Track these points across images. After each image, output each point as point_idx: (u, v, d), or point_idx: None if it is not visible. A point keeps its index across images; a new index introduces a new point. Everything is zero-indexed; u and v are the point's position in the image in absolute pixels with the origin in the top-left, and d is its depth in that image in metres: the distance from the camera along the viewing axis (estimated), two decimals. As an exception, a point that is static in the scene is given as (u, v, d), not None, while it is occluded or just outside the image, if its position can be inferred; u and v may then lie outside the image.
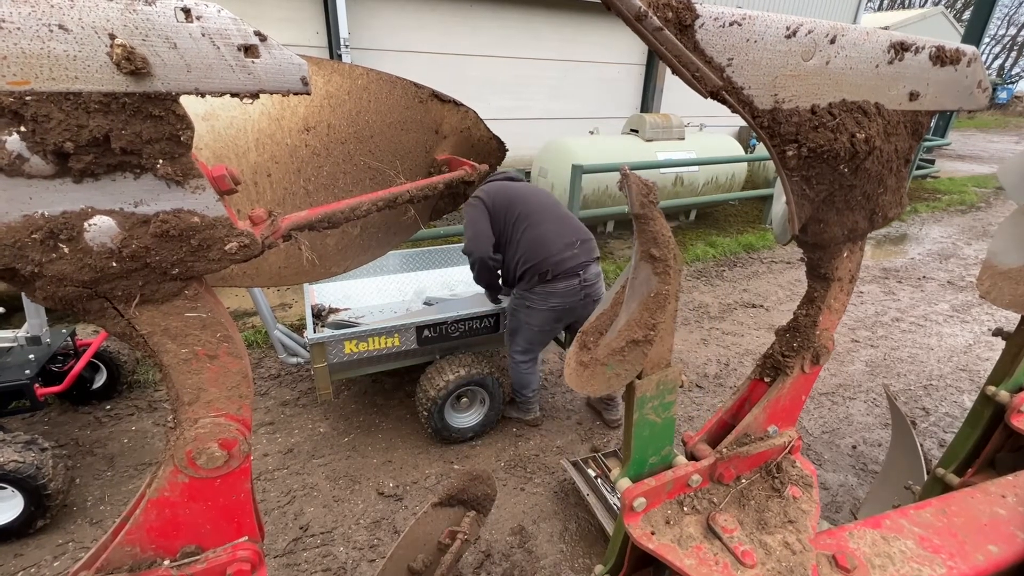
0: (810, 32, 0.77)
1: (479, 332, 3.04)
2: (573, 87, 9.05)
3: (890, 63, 0.86)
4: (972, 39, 11.58)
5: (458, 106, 1.29)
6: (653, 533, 1.09)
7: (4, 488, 2.28)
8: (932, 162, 11.74)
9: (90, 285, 0.65)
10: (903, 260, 6.75)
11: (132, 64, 0.54)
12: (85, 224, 0.61)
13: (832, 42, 0.80)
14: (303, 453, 3.01)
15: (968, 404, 3.69)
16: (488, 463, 3.00)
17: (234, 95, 0.61)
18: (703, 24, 0.70)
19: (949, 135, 13.49)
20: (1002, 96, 27.41)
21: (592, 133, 7.13)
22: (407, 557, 1.70)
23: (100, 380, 3.29)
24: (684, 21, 0.68)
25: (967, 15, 19.68)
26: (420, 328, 2.84)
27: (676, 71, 0.72)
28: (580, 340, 1.05)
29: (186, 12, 0.55)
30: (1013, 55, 37.42)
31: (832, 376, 4.00)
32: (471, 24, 7.63)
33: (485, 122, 1.36)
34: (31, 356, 2.71)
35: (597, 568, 1.42)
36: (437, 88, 1.24)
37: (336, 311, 3.58)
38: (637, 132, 6.84)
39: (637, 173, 0.90)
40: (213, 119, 1.07)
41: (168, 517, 0.83)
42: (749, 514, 1.16)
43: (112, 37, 0.53)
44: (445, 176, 1.20)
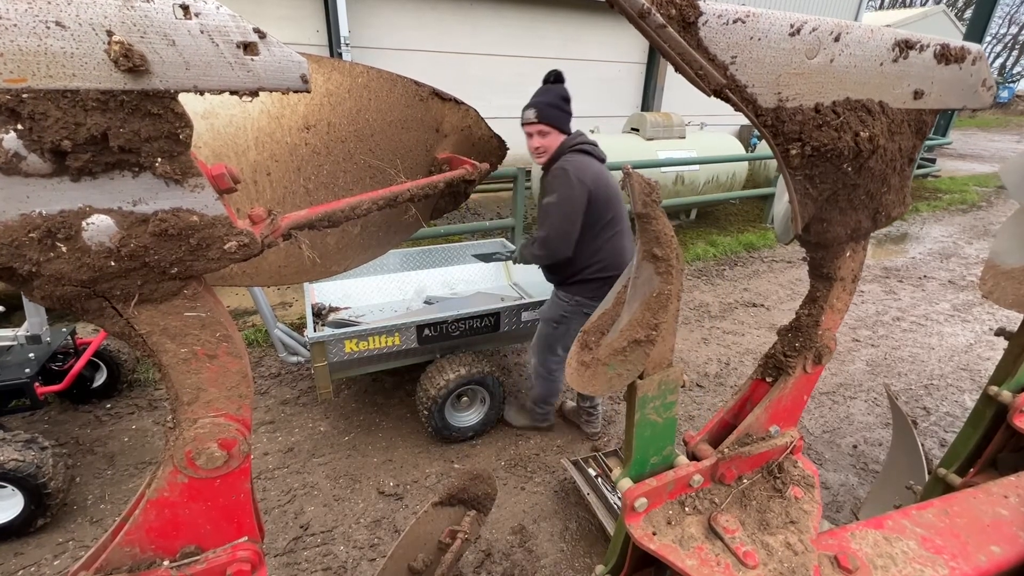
0: (814, 30, 0.77)
1: (479, 331, 3.03)
2: (574, 86, 8.92)
3: (894, 61, 0.86)
4: (974, 38, 11.55)
5: (459, 104, 1.28)
6: (654, 533, 1.09)
7: (4, 487, 2.27)
8: (933, 161, 11.72)
9: (88, 284, 0.64)
10: (904, 259, 6.74)
11: (130, 61, 0.53)
12: (83, 223, 0.61)
13: (836, 40, 0.79)
14: (303, 452, 3.01)
15: (969, 404, 3.68)
16: (488, 462, 3.00)
17: (233, 93, 0.61)
18: (706, 21, 0.69)
19: (950, 134, 13.46)
20: (1003, 95, 27.38)
21: (593, 132, 7.10)
22: (407, 556, 1.70)
23: (100, 379, 3.28)
24: (687, 18, 0.68)
25: (968, 14, 19.64)
26: (420, 327, 2.84)
27: (679, 69, 0.71)
28: (582, 339, 1.04)
29: (184, 9, 0.55)
30: (1014, 54, 37.34)
31: (833, 375, 4.00)
32: (471, 22, 7.62)
33: (486, 121, 1.36)
34: (31, 355, 2.70)
35: (598, 568, 1.41)
36: (438, 86, 1.23)
37: (336, 310, 3.58)
38: (638, 131, 6.83)
39: (639, 172, 0.90)
40: (212, 117, 1.06)
41: (168, 517, 0.83)
42: (751, 514, 1.15)
43: (110, 34, 0.52)
44: (446, 175, 1.20)
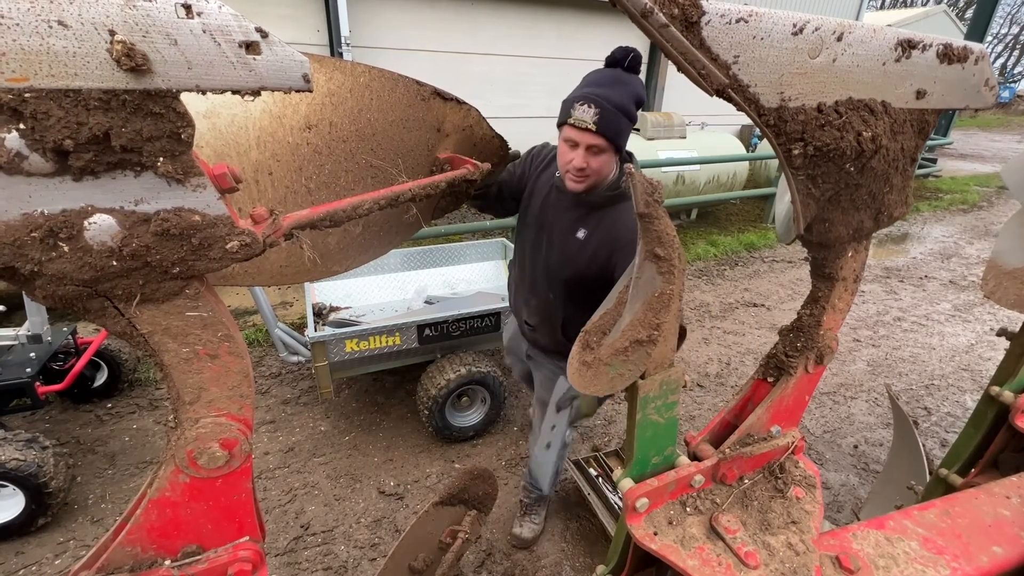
0: (817, 29, 0.76)
1: (480, 331, 3.03)
2: (574, 85, 9.01)
3: (897, 61, 0.85)
4: (975, 37, 11.53)
5: (460, 104, 1.28)
6: (656, 534, 1.08)
7: (5, 486, 2.28)
8: (934, 161, 11.71)
9: (90, 284, 0.64)
10: (905, 259, 6.73)
11: (132, 61, 0.53)
12: (85, 222, 0.61)
13: (839, 39, 0.79)
14: (304, 452, 3.01)
15: (970, 404, 3.68)
16: (489, 462, 3.00)
17: (235, 92, 0.61)
18: (709, 21, 0.69)
19: (951, 134, 13.45)
20: (1004, 95, 27.35)
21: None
22: (408, 556, 1.70)
23: (101, 378, 3.28)
24: (690, 18, 0.68)
25: (969, 13, 19.60)
26: (421, 327, 2.84)
27: (682, 68, 0.71)
28: (583, 340, 1.03)
29: (187, 8, 0.55)
30: (1015, 54, 37.32)
31: (834, 375, 4.00)
32: (472, 22, 7.61)
33: (487, 120, 1.35)
34: (32, 354, 2.70)
35: (599, 568, 1.41)
36: (439, 86, 1.23)
37: (337, 309, 3.58)
38: (638, 130, 6.82)
39: (642, 172, 0.90)
40: (214, 117, 1.06)
41: (169, 517, 0.83)
42: (752, 515, 1.15)
43: (112, 33, 0.52)
44: (447, 175, 1.20)
